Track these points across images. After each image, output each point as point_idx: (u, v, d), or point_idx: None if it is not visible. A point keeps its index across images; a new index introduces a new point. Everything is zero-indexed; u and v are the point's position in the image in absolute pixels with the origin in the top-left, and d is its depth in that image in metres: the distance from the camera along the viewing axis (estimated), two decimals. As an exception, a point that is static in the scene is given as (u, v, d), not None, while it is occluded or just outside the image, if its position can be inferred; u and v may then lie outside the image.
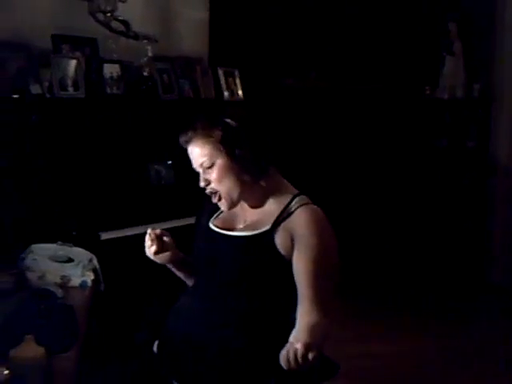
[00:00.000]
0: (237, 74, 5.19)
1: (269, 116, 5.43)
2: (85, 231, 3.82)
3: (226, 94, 5.04)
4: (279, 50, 5.93)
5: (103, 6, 4.44)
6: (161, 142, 4.34)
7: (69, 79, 4.07)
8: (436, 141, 6.23)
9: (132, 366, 2.37)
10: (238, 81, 5.16)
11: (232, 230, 2.30)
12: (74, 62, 4.14)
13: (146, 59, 4.55)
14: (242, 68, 5.26)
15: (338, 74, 6.23)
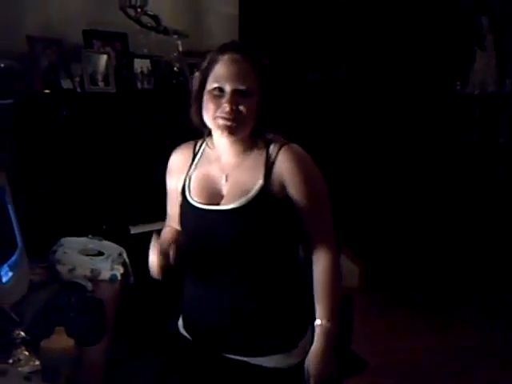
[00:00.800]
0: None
1: (297, 110, 5.50)
2: (115, 225, 3.86)
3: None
4: (309, 44, 5.92)
5: (134, 1, 4.45)
6: (191, 137, 4.35)
7: (99, 74, 4.12)
8: (466, 136, 6.18)
9: (161, 358, 2.38)
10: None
11: (217, 202, 2.20)
12: (104, 57, 4.19)
13: (176, 54, 4.57)
14: (272, 62, 5.25)
15: (369, 68, 6.20)
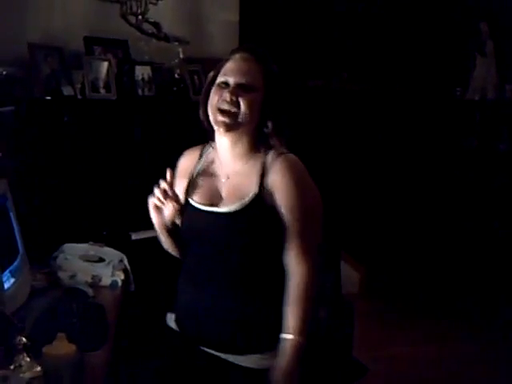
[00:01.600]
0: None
1: (298, 117, 5.50)
2: (115, 231, 3.86)
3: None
4: (310, 51, 5.93)
5: (134, 9, 4.47)
6: (191, 143, 4.36)
7: (101, 81, 4.13)
8: (466, 142, 6.18)
9: (161, 364, 2.40)
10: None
11: (216, 204, 2.27)
12: (105, 64, 4.20)
13: (177, 61, 4.59)
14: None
15: (369, 75, 6.21)
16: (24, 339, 2.03)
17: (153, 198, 2.27)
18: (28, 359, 2.01)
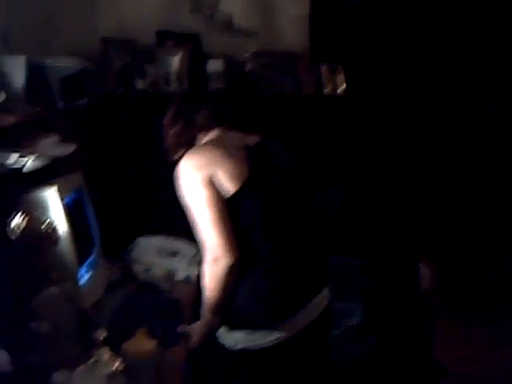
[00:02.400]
0: (340, 69, 5.13)
1: (372, 113, 5.40)
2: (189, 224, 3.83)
3: (328, 89, 4.98)
4: (381, 46, 5.81)
5: (206, 2, 4.46)
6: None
7: (173, 74, 4.10)
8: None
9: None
10: (342, 76, 5.10)
11: None
12: (177, 58, 4.17)
13: (248, 54, 4.54)
14: (347, 64, 5.19)
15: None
16: (103, 334, 2.01)
17: None
18: (107, 354, 1.98)
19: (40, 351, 1.93)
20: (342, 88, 5.05)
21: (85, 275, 2.42)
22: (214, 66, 4.34)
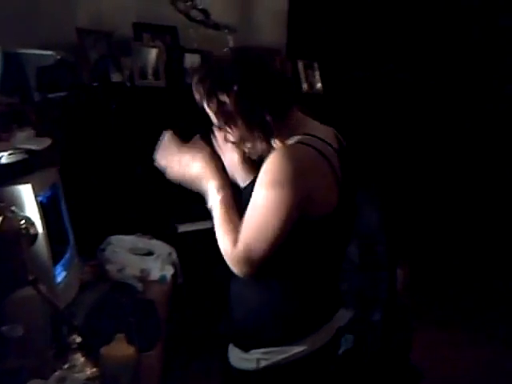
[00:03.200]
0: (316, 66, 5.11)
1: (347, 109, 5.38)
2: (162, 223, 3.78)
3: (305, 86, 4.97)
4: (357, 42, 5.80)
5: (185, -5, 4.40)
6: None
7: (149, 68, 4.05)
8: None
9: (216, 358, 2.29)
10: (318, 73, 5.08)
11: None
12: (154, 51, 4.14)
13: (226, 49, 4.48)
14: (322, 60, 5.18)
15: (416, 67, 6.07)
16: (79, 338, 1.94)
17: None
18: (83, 359, 1.91)
19: (14, 356, 1.85)
20: (318, 85, 5.04)
21: (59, 275, 2.34)
22: (190, 60, 4.28)
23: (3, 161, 2.08)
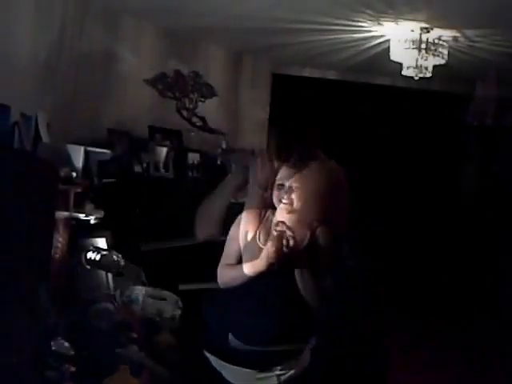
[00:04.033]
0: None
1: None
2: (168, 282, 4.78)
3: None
4: (328, 147, 6.82)
5: (187, 105, 5.55)
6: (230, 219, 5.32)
7: (161, 162, 5.16)
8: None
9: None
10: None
11: None
12: (164, 150, 5.24)
13: (220, 150, 5.63)
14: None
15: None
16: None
17: None
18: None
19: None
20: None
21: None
22: (192, 158, 5.43)
23: (92, 221, 3.18)
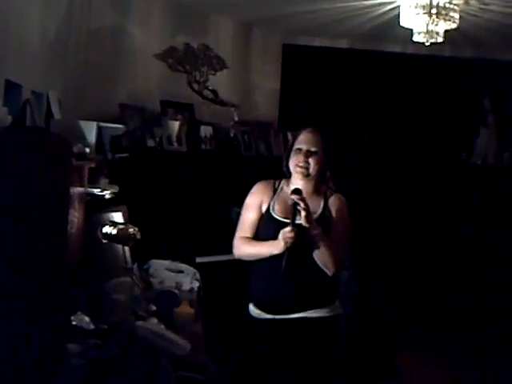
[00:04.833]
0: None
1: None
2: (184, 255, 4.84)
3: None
4: (339, 117, 6.85)
5: (198, 78, 5.56)
6: (242, 188, 5.35)
7: (174, 136, 5.17)
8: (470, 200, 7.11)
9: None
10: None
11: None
12: (177, 124, 5.25)
13: (232, 123, 5.64)
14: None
15: (387, 139, 7.14)
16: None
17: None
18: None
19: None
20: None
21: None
22: (205, 131, 5.44)
23: (106, 196, 3.21)
